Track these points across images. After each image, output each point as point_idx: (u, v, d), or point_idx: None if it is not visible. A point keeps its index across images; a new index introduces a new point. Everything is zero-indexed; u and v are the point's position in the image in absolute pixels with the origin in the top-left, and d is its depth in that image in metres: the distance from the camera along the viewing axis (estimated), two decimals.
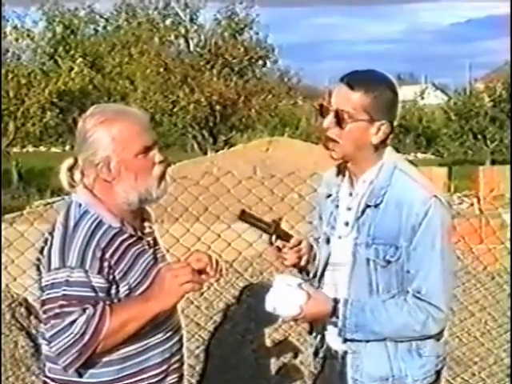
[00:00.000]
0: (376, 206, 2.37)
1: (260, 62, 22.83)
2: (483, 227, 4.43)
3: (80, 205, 2.30)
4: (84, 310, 2.19)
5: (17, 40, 20.76)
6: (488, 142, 28.11)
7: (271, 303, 2.38)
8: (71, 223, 2.26)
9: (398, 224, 2.33)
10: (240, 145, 5.56)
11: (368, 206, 2.38)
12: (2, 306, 3.97)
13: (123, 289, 2.28)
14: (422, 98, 37.63)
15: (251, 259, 4.13)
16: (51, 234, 2.30)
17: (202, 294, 4.17)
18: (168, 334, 2.41)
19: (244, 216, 2.52)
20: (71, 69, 20.36)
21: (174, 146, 32.92)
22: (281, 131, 22.84)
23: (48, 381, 2.39)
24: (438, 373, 2.49)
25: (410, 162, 2.59)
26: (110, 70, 22.49)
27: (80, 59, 20.98)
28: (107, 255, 2.24)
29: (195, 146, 23.30)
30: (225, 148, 15.68)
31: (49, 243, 2.28)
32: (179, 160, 5.08)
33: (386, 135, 2.37)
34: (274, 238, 2.54)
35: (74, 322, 2.18)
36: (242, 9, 22.28)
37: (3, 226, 3.92)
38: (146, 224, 2.44)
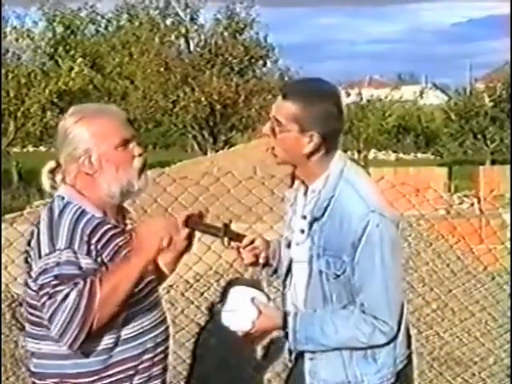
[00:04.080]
0: (320, 218, 2.37)
1: (260, 62, 22.83)
2: (483, 227, 4.43)
3: (63, 198, 2.37)
4: (75, 285, 2.23)
5: (17, 40, 20.76)
6: (488, 141, 28.10)
7: (225, 318, 2.44)
8: (56, 212, 2.34)
9: (342, 238, 2.34)
10: (240, 145, 5.56)
11: (315, 218, 2.39)
12: (2, 306, 3.97)
13: None
14: (422, 98, 37.62)
15: None
16: (37, 226, 2.36)
17: (202, 294, 4.17)
18: (152, 324, 2.45)
19: (191, 223, 2.51)
20: (71, 69, 20.35)
21: (174, 146, 32.92)
22: None
23: (35, 379, 2.42)
24: (398, 374, 2.48)
25: (359, 163, 2.57)
26: (110, 69, 22.50)
27: (80, 59, 20.97)
28: (93, 241, 2.30)
29: (195, 146, 23.29)
30: (225, 148, 15.69)
31: (35, 235, 2.34)
32: (179, 160, 5.08)
33: (317, 146, 2.34)
34: (225, 241, 2.56)
35: (66, 296, 2.22)
36: (242, 9, 22.31)
37: (3, 225, 3.92)
38: (128, 221, 2.51)
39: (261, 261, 2.63)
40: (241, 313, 2.41)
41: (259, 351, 4.23)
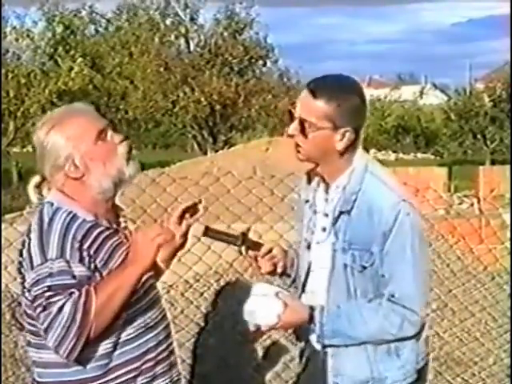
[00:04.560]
0: (348, 212, 2.38)
1: (260, 62, 22.84)
2: (483, 227, 4.43)
3: (52, 204, 2.34)
4: (70, 295, 2.22)
5: (17, 40, 20.75)
6: (488, 142, 28.12)
7: (249, 313, 2.41)
8: (46, 220, 2.30)
9: (371, 230, 2.35)
10: (240, 145, 5.56)
11: (342, 212, 2.40)
12: (2, 306, 3.97)
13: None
14: (421, 98, 37.61)
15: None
16: (28, 235, 2.33)
17: (202, 294, 4.17)
18: (152, 323, 2.43)
19: (209, 232, 2.51)
20: (71, 69, 20.34)
21: (173, 146, 32.91)
22: (281, 131, 22.81)
23: None
24: (420, 371, 2.50)
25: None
26: (110, 69, 22.48)
27: (80, 59, 20.96)
28: (85, 246, 2.27)
29: (195, 146, 23.30)
30: (225, 148, 15.69)
31: (26, 245, 2.32)
32: (179, 160, 5.08)
33: (351, 141, 2.37)
34: (243, 249, 2.55)
35: (62, 307, 2.21)
36: (241, 9, 22.32)
37: (3, 226, 3.92)
38: (121, 219, 2.48)
39: (279, 270, 2.59)
40: (266, 307, 2.38)
41: (260, 352, 4.23)
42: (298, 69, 23.53)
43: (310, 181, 2.55)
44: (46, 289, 2.23)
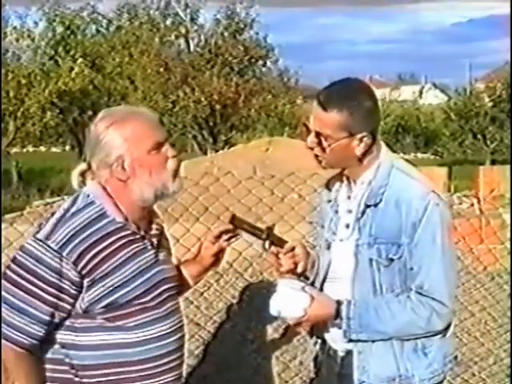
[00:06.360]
0: (376, 205, 2.38)
1: (260, 62, 22.84)
2: (483, 227, 4.43)
3: (88, 195, 2.34)
4: (32, 294, 2.25)
5: (17, 40, 20.80)
6: (488, 142, 28.13)
7: (275, 307, 2.40)
8: (73, 209, 2.32)
9: (399, 222, 2.34)
10: (240, 145, 5.55)
11: (368, 207, 2.39)
12: None
13: (99, 289, 2.29)
14: (421, 98, 37.60)
15: (251, 259, 4.12)
16: (53, 214, 2.36)
17: (202, 294, 4.16)
18: (161, 333, 2.42)
19: (235, 221, 2.51)
20: (71, 69, 20.37)
21: (174, 146, 32.91)
22: (281, 131, 22.81)
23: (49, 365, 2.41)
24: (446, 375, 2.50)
25: (407, 160, 2.62)
26: (110, 70, 22.49)
27: (80, 59, 20.99)
28: (93, 251, 2.26)
29: (195, 146, 23.30)
30: (225, 148, 15.69)
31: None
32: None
33: (368, 145, 2.38)
34: (267, 243, 2.54)
35: (16, 295, 2.26)
36: (242, 9, 22.32)
37: (3, 225, 3.92)
38: (154, 226, 2.46)
39: (299, 270, 2.55)
40: (292, 300, 2.38)
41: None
42: (298, 69, 23.58)
43: (329, 188, 2.56)
44: (19, 260, 2.29)
